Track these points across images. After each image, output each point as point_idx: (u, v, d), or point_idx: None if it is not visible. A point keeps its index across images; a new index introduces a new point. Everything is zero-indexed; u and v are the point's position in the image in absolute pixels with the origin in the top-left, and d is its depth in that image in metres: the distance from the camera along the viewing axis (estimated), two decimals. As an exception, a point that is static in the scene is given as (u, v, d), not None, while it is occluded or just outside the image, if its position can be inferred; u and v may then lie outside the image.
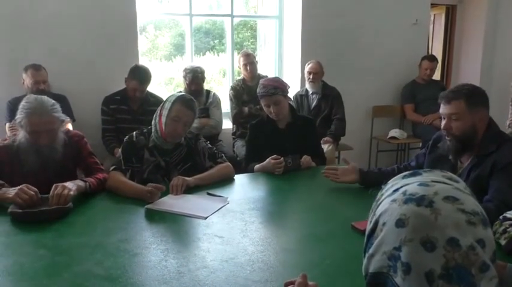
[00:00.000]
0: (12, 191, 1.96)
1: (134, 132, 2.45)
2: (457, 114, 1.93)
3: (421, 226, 0.69)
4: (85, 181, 2.16)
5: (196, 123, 3.85)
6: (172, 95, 2.45)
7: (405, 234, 0.70)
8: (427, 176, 0.78)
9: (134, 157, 2.39)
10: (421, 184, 0.75)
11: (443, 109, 1.98)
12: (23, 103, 2.15)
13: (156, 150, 2.42)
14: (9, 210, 1.90)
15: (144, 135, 2.43)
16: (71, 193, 1.99)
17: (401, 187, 0.77)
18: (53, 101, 2.22)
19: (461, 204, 0.71)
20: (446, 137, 2.00)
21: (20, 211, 1.89)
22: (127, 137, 2.45)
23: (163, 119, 2.35)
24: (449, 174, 0.79)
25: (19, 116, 2.13)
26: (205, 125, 3.94)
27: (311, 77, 4.33)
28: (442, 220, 0.69)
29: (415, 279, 0.68)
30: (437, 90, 4.82)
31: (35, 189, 1.98)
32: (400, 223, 0.71)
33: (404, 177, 0.80)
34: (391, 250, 0.72)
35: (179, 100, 2.36)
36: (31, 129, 2.12)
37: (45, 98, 2.21)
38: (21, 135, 2.18)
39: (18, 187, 1.97)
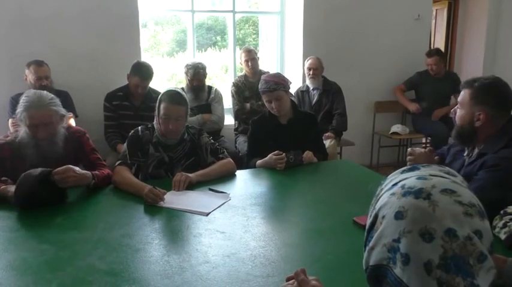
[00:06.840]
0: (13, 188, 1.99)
1: (139, 127, 2.46)
2: (461, 103, 1.93)
3: (419, 218, 0.70)
4: (93, 175, 2.16)
5: (198, 119, 3.88)
6: (161, 93, 2.45)
7: (404, 226, 0.71)
8: (425, 170, 0.79)
9: (140, 151, 2.41)
10: (419, 178, 0.76)
11: None
12: (22, 97, 2.18)
13: (160, 145, 2.43)
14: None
15: (149, 130, 2.45)
16: (73, 176, 2.04)
17: (400, 181, 0.79)
18: (52, 95, 2.23)
19: (458, 196, 0.72)
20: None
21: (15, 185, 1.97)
22: (132, 131, 2.46)
23: (158, 119, 2.38)
24: (447, 169, 0.81)
25: (18, 110, 2.16)
26: (207, 121, 3.95)
27: (311, 73, 4.32)
28: (440, 212, 0.70)
29: (414, 269, 0.69)
30: (444, 86, 4.79)
31: None
32: (399, 215, 0.73)
33: (403, 172, 0.82)
34: (391, 242, 0.73)
35: (164, 98, 2.37)
36: (29, 123, 2.14)
37: (44, 92, 2.23)
38: (22, 130, 2.20)
39: None
